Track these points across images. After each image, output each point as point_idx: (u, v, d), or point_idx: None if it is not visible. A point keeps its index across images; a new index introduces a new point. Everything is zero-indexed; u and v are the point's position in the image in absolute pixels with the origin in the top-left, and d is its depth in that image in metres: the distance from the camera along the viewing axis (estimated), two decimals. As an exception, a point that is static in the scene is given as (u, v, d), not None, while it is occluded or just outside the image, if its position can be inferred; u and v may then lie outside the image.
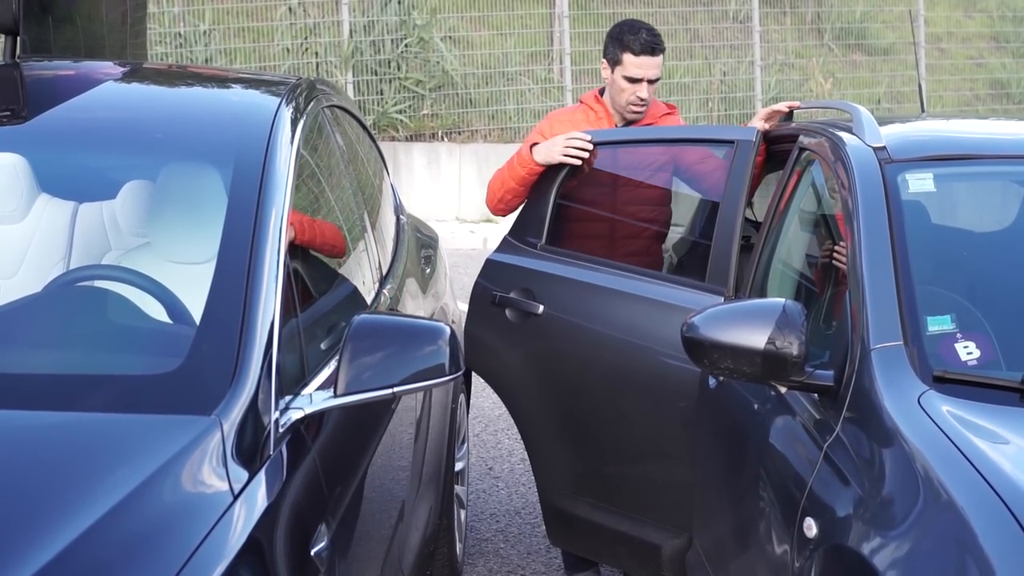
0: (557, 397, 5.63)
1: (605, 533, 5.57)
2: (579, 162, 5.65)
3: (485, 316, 5.78)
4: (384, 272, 5.11)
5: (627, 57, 5.92)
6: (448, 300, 6.57)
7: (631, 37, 5.93)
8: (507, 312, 5.66)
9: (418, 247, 6.23)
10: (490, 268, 5.86)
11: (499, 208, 6.02)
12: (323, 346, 3.98)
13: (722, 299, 4.94)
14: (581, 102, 6.16)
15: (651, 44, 5.90)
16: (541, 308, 5.55)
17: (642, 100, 5.93)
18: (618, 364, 5.32)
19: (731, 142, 5.35)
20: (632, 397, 5.30)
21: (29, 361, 3.53)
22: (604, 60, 6.07)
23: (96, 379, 3.36)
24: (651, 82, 5.92)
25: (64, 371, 3.43)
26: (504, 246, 5.90)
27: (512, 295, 5.65)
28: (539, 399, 5.68)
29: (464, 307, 6.17)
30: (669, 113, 6.13)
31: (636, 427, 5.34)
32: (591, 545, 5.79)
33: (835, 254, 4.52)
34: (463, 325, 6.11)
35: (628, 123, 6.05)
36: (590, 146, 5.63)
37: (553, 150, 5.66)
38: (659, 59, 5.93)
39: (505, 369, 5.82)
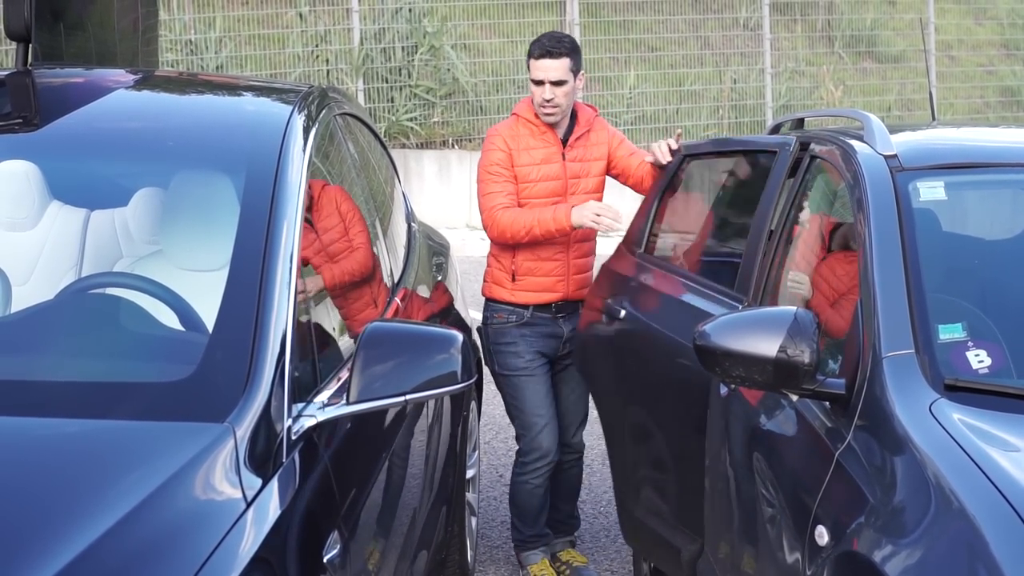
0: (626, 401, 5.83)
1: (652, 535, 5.65)
2: (611, 231, 6.02)
3: (592, 321, 6.08)
4: (396, 280, 5.11)
5: (531, 62, 6.16)
6: (459, 307, 6.57)
7: (534, 44, 6.20)
8: (603, 317, 5.93)
9: (429, 254, 6.24)
10: (601, 274, 6.23)
11: (509, 243, 6.15)
12: (335, 354, 3.99)
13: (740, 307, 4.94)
14: (518, 116, 6.26)
15: (547, 48, 6.12)
16: (623, 313, 5.77)
17: (547, 101, 6.09)
18: (667, 371, 5.42)
19: (773, 152, 5.37)
20: (671, 404, 5.37)
21: (41, 368, 3.53)
22: None
23: (108, 386, 3.37)
24: (555, 84, 6.08)
25: (76, 378, 3.44)
26: (615, 253, 6.29)
27: (608, 300, 5.93)
28: (616, 402, 5.92)
29: (475, 315, 6.19)
30: (596, 116, 6.38)
31: (672, 433, 5.38)
32: (645, 546, 5.92)
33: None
34: (473, 333, 6.14)
35: (552, 126, 6.19)
36: (619, 223, 5.93)
37: (585, 216, 5.93)
38: (559, 62, 6.09)
39: (596, 372, 6.10)
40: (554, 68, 6.06)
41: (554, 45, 6.10)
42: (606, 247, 6.63)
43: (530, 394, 6.23)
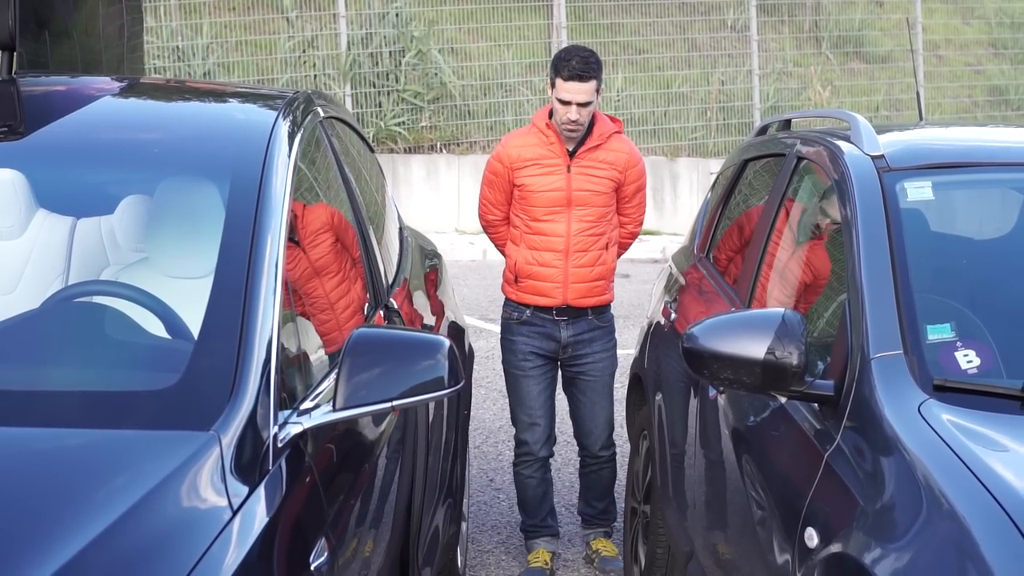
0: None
1: None
2: None
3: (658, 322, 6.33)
4: (389, 284, 5.11)
5: (558, 81, 6.18)
6: (453, 312, 6.57)
7: (563, 63, 6.19)
8: (664, 319, 6.18)
9: (422, 259, 6.25)
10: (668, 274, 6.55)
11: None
12: (323, 360, 3.98)
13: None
14: (533, 124, 6.38)
15: (578, 71, 6.14)
16: (673, 315, 5.93)
17: (572, 121, 6.16)
18: (680, 370, 5.50)
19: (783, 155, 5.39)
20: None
21: (27, 378, 3.52)
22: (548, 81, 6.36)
23: (94, 395, 3.35)
24: (581, 105, 6.14)
25: (62, 387, 3.42)
26: (678, 252, 6.61)
27: (665, 300, 6.22)
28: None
29: (467, 319, 6.21)
30: (617, 132, 6.39)
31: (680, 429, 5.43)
32: None
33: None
34: (466, 337, 6.16)
35: (570, 140, 6.26)
36: None
37: None
38: (588, 85, 6.14)
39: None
40: (583, 91, 6.12)
41: (584, 68, 6.13)
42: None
43: (523, 392, 6.47)
